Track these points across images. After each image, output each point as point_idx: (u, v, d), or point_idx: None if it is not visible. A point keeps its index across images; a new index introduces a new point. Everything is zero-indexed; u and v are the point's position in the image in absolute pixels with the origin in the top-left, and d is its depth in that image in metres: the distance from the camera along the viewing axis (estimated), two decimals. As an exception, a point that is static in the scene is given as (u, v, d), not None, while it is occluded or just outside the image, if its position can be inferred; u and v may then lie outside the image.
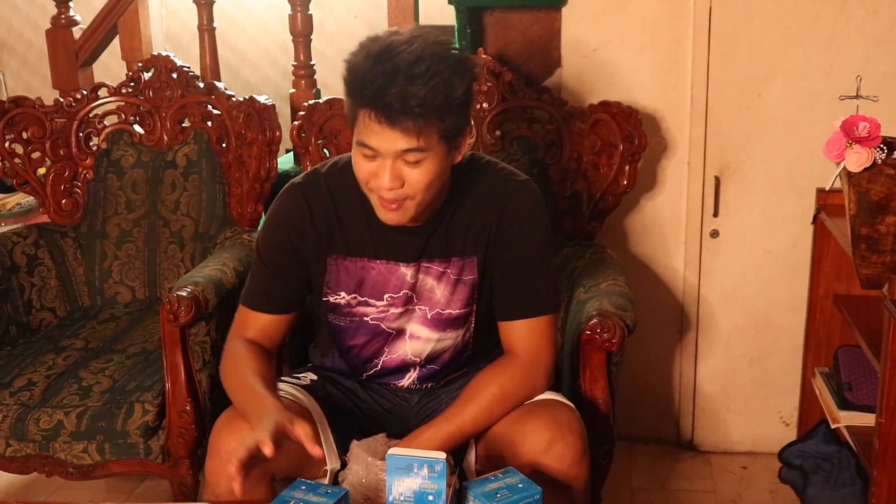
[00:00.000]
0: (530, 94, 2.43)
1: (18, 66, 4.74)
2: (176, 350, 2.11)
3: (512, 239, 1.72)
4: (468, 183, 1.73)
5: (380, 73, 1.49)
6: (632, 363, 2.60)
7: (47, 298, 2.61)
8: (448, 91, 1.52)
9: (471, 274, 1.76)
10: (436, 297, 1.77)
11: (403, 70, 1.49)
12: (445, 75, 1.51)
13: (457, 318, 1.79)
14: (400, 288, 1.76)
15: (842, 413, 2.24)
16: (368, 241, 1.74)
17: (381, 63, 1.50)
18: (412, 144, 1.53)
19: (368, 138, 1.55)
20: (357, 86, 1.53)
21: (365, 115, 1.53)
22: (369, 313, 1.78)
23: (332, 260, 1.76)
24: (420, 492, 1.43)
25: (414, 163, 1.56)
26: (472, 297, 1.78)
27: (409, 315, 1.79)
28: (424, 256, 1.74)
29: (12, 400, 2.17)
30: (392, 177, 1.56)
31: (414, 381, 1.87)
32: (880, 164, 1.76)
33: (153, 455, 2.15)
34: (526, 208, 1.73)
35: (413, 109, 1.49)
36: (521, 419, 1.69)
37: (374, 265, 1.75)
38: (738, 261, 2.60)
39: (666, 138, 2.55)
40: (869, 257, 1.84)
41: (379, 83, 1.49)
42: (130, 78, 2.71)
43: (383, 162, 1.56)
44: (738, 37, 2.44)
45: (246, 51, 4.43)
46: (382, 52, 1.51)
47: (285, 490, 1.47)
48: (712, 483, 2.61)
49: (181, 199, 2.65)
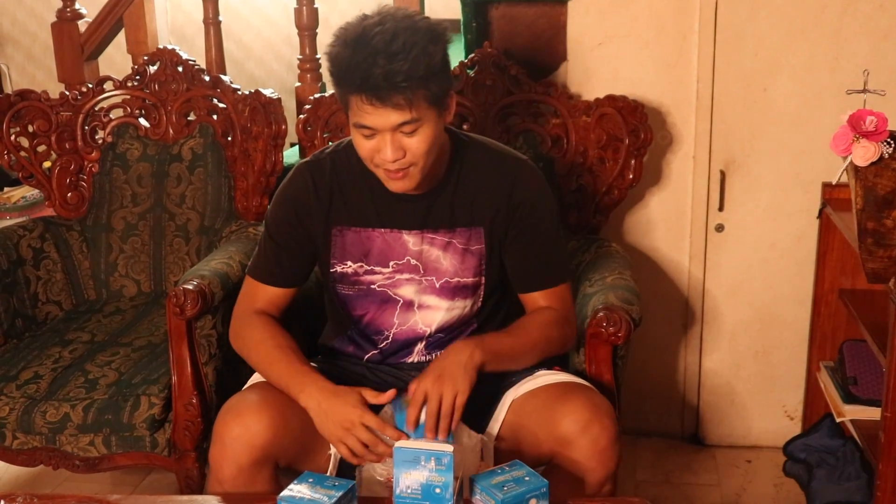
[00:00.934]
0: (536, 88, 2.43)
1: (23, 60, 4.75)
2: (182, 343, 2.12)
3: (527, 215, 1.82)
4: (470, 157, 1.83)
5: (362, 59, 1.58)
6: (637, 357, 2.60)
7: (53, 292, 2.62)
8: (427, 59, 1.61)
9: (478, 244, 1.83)
10: (443, 266, 1.82)
11: (382, 50, 1.58)
12: (421, 45, 1.60)
13: (466, 286, 1.84)
14: (404, 255, 1.83)
15: (847, 407, 2.24)
16: (371, 210, 1.82)
17: (360, 48, 1.59)
18: (406, 117, 1.62)
19: (364, 119, 1.64)
20: (343, 75, 1.63)
21: (356, 100, 1.63)
22: (376, 281, 1.84)
23: (337, 231, 1.84)
24: (427, 484, 1.44)
25: (411, 132, 1.65)
26: (481, 267, 1.84)
27: (417, 285, 1.84)
28: (428, 226, 1.81)
29: (19, 393, 2.17)
30: (394, 149, 1.65)
31: (422, 352, 1.90)
32: (887, 158, 1.76)
33: (159, 448, 2.16)
34: (536, 185, 1.84)
35: (399, 84, 1.58)
36: (557, 399, 1.71)
37: (377, 234, 1.83)
38: (743, 255, 2.60)
39: (671, 132, 2.55)
40: (875, 251, 1.84)
41: (363, 68, 1.58)
42: (136, 71, 2.71)
43: (382, 137, 1.65)
44: (744, 31, 2.44)
45: (251, 44, 4.43)
46: (359, 38, 1.60)
47: (292, 483, 1.47)
48: (717, 477, 2.61)
49: (187, 192, 2.65)
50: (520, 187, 1.81)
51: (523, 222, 1.81)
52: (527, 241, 1.82)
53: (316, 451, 1.75)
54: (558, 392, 1.74)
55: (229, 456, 1.63)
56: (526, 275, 1.86)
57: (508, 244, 1.83)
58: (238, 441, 1.65)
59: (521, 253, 1.84)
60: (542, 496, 1.45)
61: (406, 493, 1.45)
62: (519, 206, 1.81)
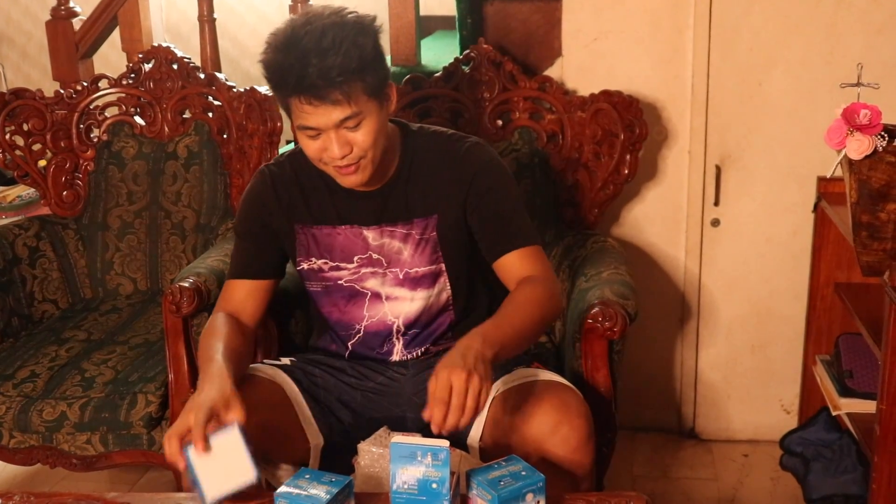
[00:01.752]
0: (531, 83, 2.43)
1: (18, 58, 4.73)
2: (178, 341, 2.12)
3: (482, 189, 1.80)
4: (420, 149, 1.83)
5: (294, 60, 1.60)
6: (633, 352, 2.61)
7: (49, 290, 2.61)
8: (359, 52, 1.62)
9: (432, 231, 1.83)
10: (403, 257, 1.84)
11: (313, 49, 1.59)
12: (351, 38, 1.61)
13: (424, 275, 1.85)
14: (366, 250, 1.84)
15: (843, 400, 2.25)
16: (331, 208, 1.84)
17: (291, 51, 1.61)
18: (346, 112, 1.63)
19: (306, 120, 1.65)
20: (278, 79, 1.64)
21: (296, 102, 1.64)
22: (342, 276, 1.86)
23: (300, 229, 1.86)
24: (424, 479, 1.44)
25: (354, 127, 1.66)
26: (437, 255, 1.84)
27: (381, 278, 1.85)
28: (385, 220, 1.83)
29: (15, 391, 2.17)
30: (340, 145, 1.66)
31: (401, 351, 1.90)
32: (881, 151, 1.76)
33: (156, 446, 2.16)
34: (487, 162, 1.83)
35: (335, 80, 1.59)
36: (528, 400, 1.71)
37: (339, 231, 1.85)
38: (739, 249, 2.61)
39: (667, 127, 2.55)
40: (870, 245, 1.85)
41: (297, 69, 1.59)
42: (131, 69, 2.71)
43: (327, 135, 1.66)
44: (739, 26, 2.44)
45: (246, 42, 4.42)
46: (289, 41, 1.62)
47: (290, 479, 1.47)
48: (714, 471, 2.62)
49: (182, 190, 2.65)
50: (469, 166, 1.80)
51: (478, 195, 1.80)
52: (485, 209, 1.80)
53: (295, 443, 1.78)
54: (530, 392, 1.73)
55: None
56: (492, 240, 1.81)
57: (470, 219, 1.82)
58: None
59: (483, 221, 1.81)
60: (538, 490, 1.44)
61: (402, 489, 1.45)
62: (472, 183, 1.80)
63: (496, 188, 1.81)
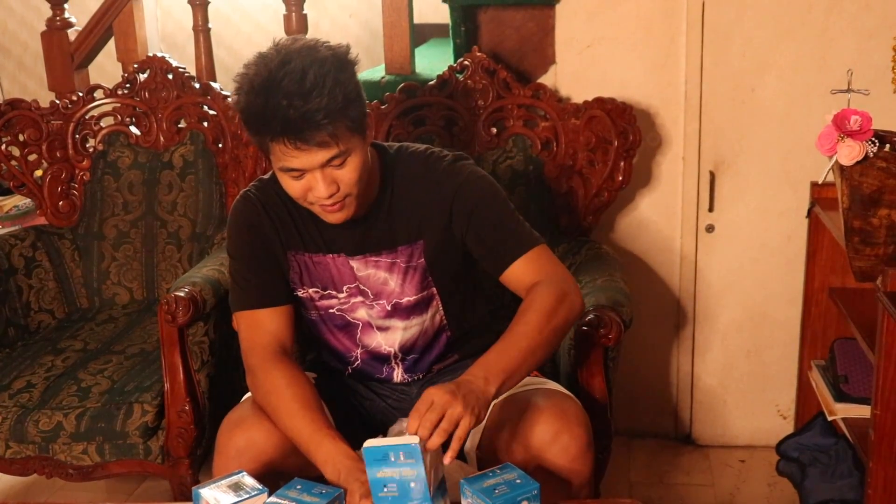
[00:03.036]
0: (525, 91, 2.44)
1: (14, 69, 4.74)
2: (174, 350, 2.12)
3: (467, 208, 1.74)
4: (400, 173, 1.77)
5: (276, 105, 1.53)
6: (629, 358, 2.61)
7: (45, 300, 2.62)
8: (342, 90, 1.56)
9: (420, 258, 1.78)
10: (389, 287, 1.79)
11: (296, 92, 1.52)
12: (333, 76, 1.55)
13: (416, 303, 1.81)
14: (353, 279, 1.80)
15: (838, 405, 2.25)
16: (318, 236, 1.78)
17: (272, 94, 1.53)
18: (333, 153, 1.58)
19: (290, 163, 1.59)
20: (259, 124, 1.57)
21: (278, 145, 1.57)
22: (333, 305, 1.83)
23: (293, 256, 1.80)
24: (402, 479, 1.42)
25: (340, 165, 1.60)
26: (427, 280, 1.80)
27: (369, 309, 1.81)
28: (369, 250, 1.77)
29: (11, 402, 2.17)
30: (326, 184, 1.61)
31: (402, 375, 1.88)
32: (872, 157, 1.76)
33: (153, 455, 2.16)
34: (463, 180, 1.75)
35: (321, 123, 1.53)
36: (527, 409, 1.69)
37: (328, 259, 1.79)
38: (733, 255, 2.61)
39: (660, 134, 2.56)
40: (862, 250, 1.85)
41: (281, 114, 1.52)
42: (126, 79, 2.71)
43: (312, 175, 1.60)
44: (731, 32, 2.45)
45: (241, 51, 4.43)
46: (267, 84, 1.54)
47: (280, 489, 1.47)
48: (711, 477, 2.62)
49: (178, 199, 2.66)
50: (448, 188, 1.74)
51: (464, 214, 1.73)
52: (478, 224, 1.73)
53: None
54: (529, 400, 1.70)
55: (234, 468, 1.59)
56: (494, 254, 1.75)
57: (466, 239, 1.76)
58: (243, 453, 1.64)
59: (479, 237, 1.75)
60: (533, 498, 1.44)
61: (384, 493, 1.44)
62: (453, 204, 1.74)
63: (482, 202, 1.74)
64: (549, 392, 1.76)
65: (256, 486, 1.48)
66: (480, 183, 1.77)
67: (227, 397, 2.10)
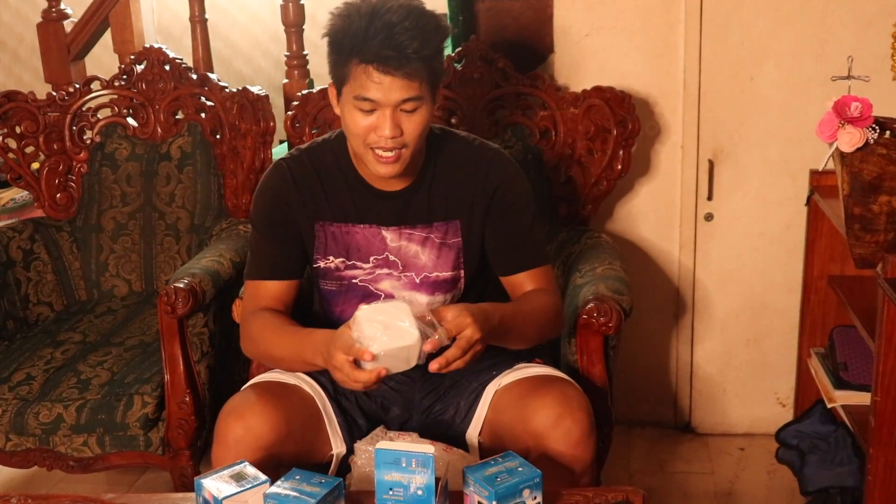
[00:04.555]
0: (523, 80, 2.43)
1: (10, 61, 4.72)
2: (174, 342, 2.12)
3: (503, 202, 1.82)
4: (445, 152, 1.82)
5: (378, 29, 1.60)
6: (629, 347, 2.61)
7: (44, 293, 2.61)
8: (435, 41, 1.66)
9: (455, 237, 1.83)
10: (421, 261, 1.82)
11: (398, 23, 1.60)
12: (430, 27, 1.64)
13: (445, 280, 1.84)
14: (383, 251, 1.82)
15: (837, 393, 2.25)
16: (351, 206, 1.82)
17: (375, 20, 1.61)
18: (412, 93, 1.63)
19: (369, 91, 1.63)
20: (356, 43, 1.62)
21: (364, 70, 1.62)
22: (357, 276, 1.84)
23: (320, 226, 1.83)
24: (409, 485, 1.43)
25: (411, 111, 1.66)
26: (459, 260, 1.84)
27: (396, 280, 1.83)
28: (405, 222, 1.81)
29: (11, 394, 2.17)
30: (393, 125, 1.65)
31: None
32: (872, 143, 1.76)
33: (153, 447, 2.16)
34: (511, 173, 1.84)
35: (411, 56, 1.60)
36: (530, 394, 1.71)
37: (357, 229, 1.82)
38: (732, 243, 2.61)
39: (659, 123, 2.55)
40: (862, 237, 1.85)
41: (380, 38, 1.60)
42: (123, 71, 2.70)
43: (382, 113, 1.65)
44: (730, 20, 2.44)
45: (238, 42, 4.42)
46: (373, 11, 1.62)
47: (280, 479, 1.47)
48: (710, 465, 2.62)
49: (176, 191, 2.65)
50: (495, 177, 1.81)
51: (500, 208, 1.81)
52: (504, 224, 1.82)
53: (318, 450, 1.76)
54: (532, 386, 1.73)
55: (233, 456, 1.62)
56: (507, 257, 1.85)
57: (487, 230, 1.83)
58: (241, 442, 1.65)
59: (500, 236, 1.83)
60: (535, 486, 1.44)
61: (388, 496, 1.45)
62: (495, 194, 1.81)
63: (517, 204, 1.82)
64: (550, 378, 1.78)
65: (258, 476, 1.48)
66: (522, 185, 1.86)
67: (227, 388, 2.11)
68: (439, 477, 1.44)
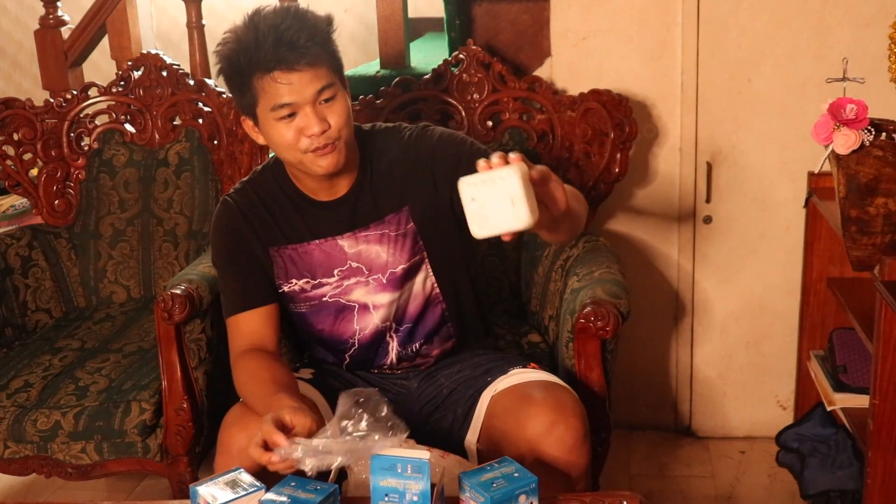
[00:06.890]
0: (521, 84, 2.43)
1: (8, 68, 4.73)
2: (171, 348, 2.11)
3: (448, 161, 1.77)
4: (376, 146, 1.83)
5: (265, 34, 1.62)
6: (628, 350, 2.61)
7: (42, 300, 2.61)
8: (322, 27, 1.67)
9: (409, 223, 1.82)
10: (383, 259, 1.82)
11: (279, 24, 1.63)
12: (310, 17, 1.67)
13: (408, 270, 1.83)
14: (345, 260, 1.82)
15: (837, 395, 2.25)
16: (302, 224, 1.82)
17: (260, 27, 1.63)
18: (323, 81, 1.65)
19: (282, 97, 1.64)
20: (251, 55, 1.63)
21: (270, 78, 1.63)
22: (326, 293, 1.84)
23: (275, 251, 1.84)
24: (405, 492, 1.43)
25: (330, 99, 1.67)
26: (417, 245, 1.83)
27: (365, 286, 1.83)
28: (358, 226, 1.81)
29: (9, 402, 2.17)
30: (318, 119, 1.65)
31: (396, 349, 1.89)
32: (868, 145, 1.76)
33: (151, 453, 2.16)
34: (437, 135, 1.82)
35: (307, 46, 1.62)
36: (523, 400, 1.71)
37: (313, 246, 1.82)
38: (731, 246, 2.61)
39: (657, 125, 2.55)
40: (859, 239, 1.84)
41: (270, 41, 1.61)
42: (120, 77, 2.70)
43: (304, 112, 1.65)
44: (727, 22, 2.44)
45: (236, 47, 4.41)
46: (253, 24, 1.65)
47: (275, 486, 1.47)
48: (711, 468, 2.62)
49: (174, 197, 2.65)
50: (424, 148, 1.80)
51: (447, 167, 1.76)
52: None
53: None
54: (526, 392, 1.73)
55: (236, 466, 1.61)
56: None
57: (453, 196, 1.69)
58: (245, 451, 1.64)
59: None
60: (531, 492, 1.44)
61: (384, 503, 1.44)
62: (434, 163, 1.79)
63: (461, 150, 1.78)
64: (545, 384, 1.77)
65: (254, 483, 1.48)
66: (454, 139, 1.83)
67: (224, 394, 2.09)
68: (435, 483, 1.44)
